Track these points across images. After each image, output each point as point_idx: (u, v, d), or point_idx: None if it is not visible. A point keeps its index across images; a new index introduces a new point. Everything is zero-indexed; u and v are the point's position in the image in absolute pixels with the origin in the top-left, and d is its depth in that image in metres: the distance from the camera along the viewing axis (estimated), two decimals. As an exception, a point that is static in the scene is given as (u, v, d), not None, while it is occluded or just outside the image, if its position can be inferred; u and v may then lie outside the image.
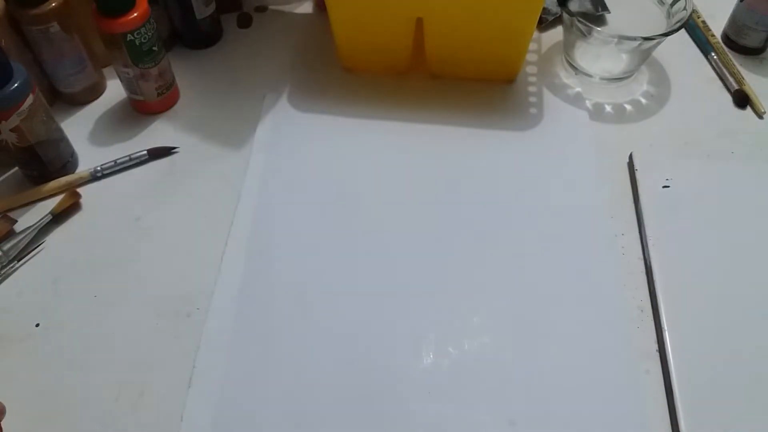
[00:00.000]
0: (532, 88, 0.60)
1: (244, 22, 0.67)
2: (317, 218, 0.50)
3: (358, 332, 0.44)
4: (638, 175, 0.51)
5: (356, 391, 0.41)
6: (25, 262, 0.49)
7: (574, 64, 0.60)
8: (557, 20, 0.65)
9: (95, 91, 0.60)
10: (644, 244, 0.48)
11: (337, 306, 0.45)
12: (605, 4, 0.61)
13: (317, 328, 0.44)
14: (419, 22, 0.55)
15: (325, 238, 0.49)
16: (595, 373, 0.42)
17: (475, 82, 0.59)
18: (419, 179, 0.52)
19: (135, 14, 0.51)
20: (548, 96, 0.59)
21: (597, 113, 0.58)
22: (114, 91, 0.60)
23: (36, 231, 0.49)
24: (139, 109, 0.58)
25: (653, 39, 0.53)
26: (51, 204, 0.51)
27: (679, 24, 0.53)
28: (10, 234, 0.49)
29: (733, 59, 0.61)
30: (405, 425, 0.40)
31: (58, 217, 0.50)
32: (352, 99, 0.59)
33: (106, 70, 0.61)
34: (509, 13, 0.53)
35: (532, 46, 0.63)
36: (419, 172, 0.53)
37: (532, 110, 0.58)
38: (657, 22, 0.57)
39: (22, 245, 0.49)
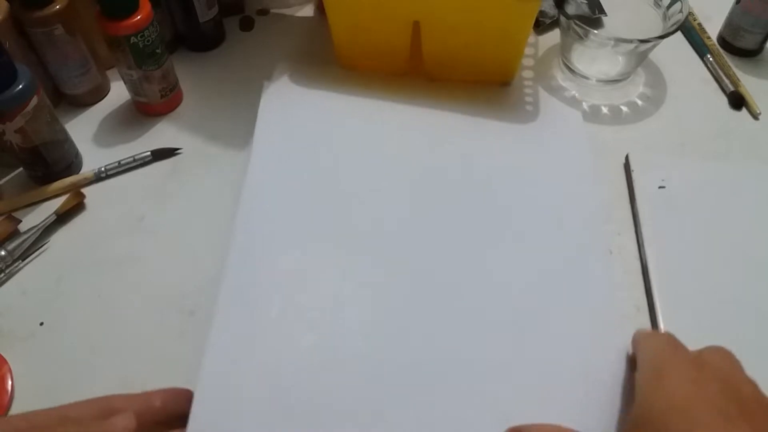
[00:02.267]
0: (528, 90, 0.60)
1: (247, 25, 0.68)
2: (316, 215, 0.50)
3: (354, 328, 0.44)
4: (634, 176, 0.52)
5: (354, 387, 0.41)
6: (29, 262, 0.49)
7: (570, 67, 0.61)
8: (554, 23, 0.66)
9: (99, 92, 0.60)
10: (640, 243, 0.48)
11: (334, 303, 0.45)
12: (602, 6, 0.62)
13: (317, 325, 0.45)
14: (416, 25, 0.55)
15: (323, 236, 0.49)
16: (591, 372, 0.42)
17: (472, 85, 0.60)
18: (416, 180, 0.52)
19: (138, 17, 0.51)
20: (545, 98, 0.59)
21: (593, 115, 0.58)
22: (118, 92, 0.61)
23: (40, 231, 0.50)
24: (143, 111, 0.59)
25: (649, 41, 0.53)
26: (55, 204, 0.52)
27: (675, 26, 0.54)
28: (15, 234, 0.50)
29: (728, 61, 0.62)
30: (397, 421, 0.40)
31: (63, 217, 0.51)
32: (351, 100, 0.59)
33: (109, 72, 0.61)
34: (505, 16, 0.53)
35: (530, 48, 0.64)
36: (417, 173, 0.53)
37: (528, 107, 0.58)
38: (653, 25, 0.57)
39: (26, 245, 0.49)
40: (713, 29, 0.65)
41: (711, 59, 0.62)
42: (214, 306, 0.46)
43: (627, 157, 0.54)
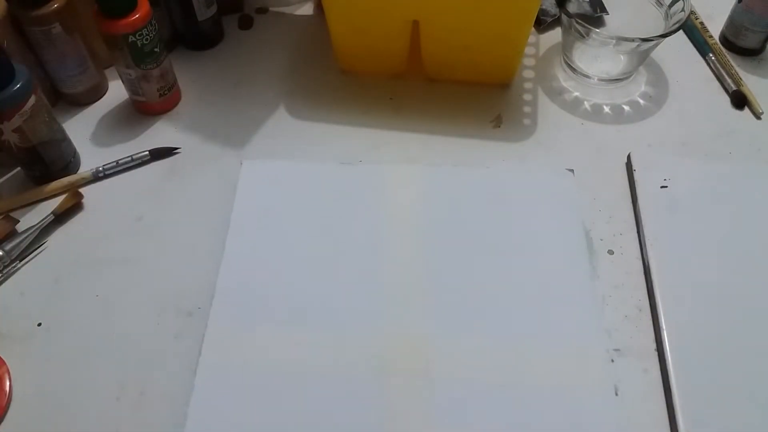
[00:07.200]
0: (527, 85, 0.60)
1: (245, 23, 0.67)
2: (307, 231, 0.49)
3: (351, 336, 0.44)
4: (636, 176, 0.52)
5: (351, 393, 0.42)
6: (27, 262, 0.49)
7: (572, 66, 0.61)
8: (556, 22, 0.65)
9: (97, 91, 0.60)
10: (642, 243, 0.48)
11: (330, 308, 0.45)
12: (604, 5, 0.61)
13: (315, 326, 0.44)
14: (416, 25, 0.55)
15: (313, 243, 0.49)
16: (591, 373, 0.42)
17: (471, 86, 0.60)
18: (410, 202, 0.51)
19: (137, 15, 0.51)
20: (544, 101, 0.59)
21: (595, 114, 0.58)
22: (116, 91, 0.60)
23: (38, 231, 0.50)
24: (141, 110, 0.59)
25: (651, 40, 0.53)
26: (53, 204, 0.51)
27: (677, 25, 0.54)
28: (13, 234, 0.50)
29: (731, 60, 0.61)
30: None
31: (60, 217, 0.51)
32: (348, 102, 0.59)
33: (107, 71, 0.61)
34: (504, 17, 0.53)
35: (531, 48, 0.64)
36: (411, 194, 0.52)
37: (526, 109, 0.58)
38: (655, 24, 0.57)
39: (24, 245, 0.49)
40: (715, 28, 0.64)
41: (713, 58, 0.62)
42: (210, 307, 0.45)
43: (629, 157, 0.53)
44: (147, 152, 0.55)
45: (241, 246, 0.49)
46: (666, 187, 0.51)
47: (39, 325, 0.45)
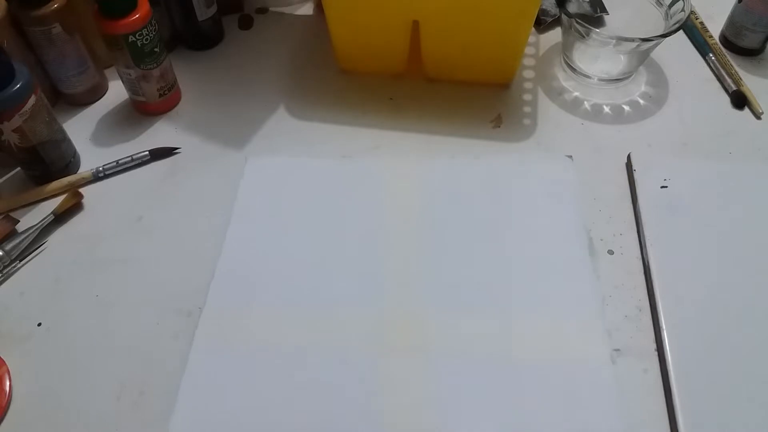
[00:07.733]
0: (527, 85, 0.60)
1: (245, 23, 0.67)
2: (308, 221, 0.50)
3: (351, 334, 0.44)
4: (636, 176, 0.52)
5: (349, 393, 0.41)
6: (27, 262, 0.49)
7: (572, 66, 0.61)
8: (556, 22, 0.65)
9: (97, 91, 0.60)
10: (642, 243, 0.48)
11: (330, 306, 0.45)
12: (604, 5, 0.61)
13: (314, 308, 0.45)
14: (416, 25, 0.55)
15: (314, 230, 0.49)
16: (591, 373, 0.42)
17: (471, 86, 0.60)
18: (410, 194, 0.51)
19: (136, 16, 0.51)
20: (544, 101, 0.59)
21: (595, 114, 0.58)
22: (116, 91, 0.60)
23: (38, 231, 0.50)
24: (141, 110, 0.59)
25: (651, 40, 0.53)
26: (53, 204, 0.51)
27: (677, 25, 0.54)
28: (13, 234, 0.50)
29: (731, 60, 0.61)
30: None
31: (60, 217, 0.51)
32: (348, 102, 0.59)
33: (107, 71, 0.61)
34: (504, 17, 0.53)
35: (531, 48, 0.64)
36: (411, 186, 0.52)
37: (526, 109, 0.58)
38: (655, 24, 0.57)
39: (24, 245, 0.49)
40: (715, 28, 0.64)
41: (713, 58, 0.62)
42: (204, 307, 0.45)
43: (629, 157, 0.53)
44: (147, 152, 0.55)
45: (242, 233, 0.49)
46: (666, 187, 0.51)
47: (39, 325, 0.45)
